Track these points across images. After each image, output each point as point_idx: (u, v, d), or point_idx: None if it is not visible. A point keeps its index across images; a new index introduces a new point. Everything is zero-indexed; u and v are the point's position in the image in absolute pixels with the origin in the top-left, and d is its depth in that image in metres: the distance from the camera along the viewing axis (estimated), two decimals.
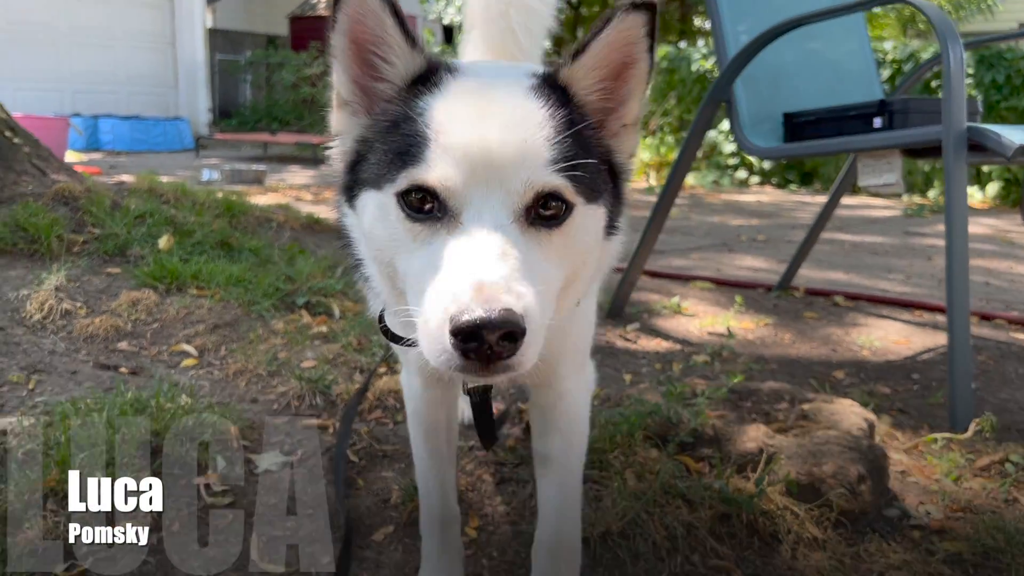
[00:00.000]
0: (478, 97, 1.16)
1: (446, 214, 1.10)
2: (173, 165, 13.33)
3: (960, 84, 2.57)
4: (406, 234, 1.12)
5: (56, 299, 2.97)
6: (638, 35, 1.19)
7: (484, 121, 1.11)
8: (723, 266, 5.42)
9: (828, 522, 1.87)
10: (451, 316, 0.98)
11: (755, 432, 2.04)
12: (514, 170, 1.09)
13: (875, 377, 3.16)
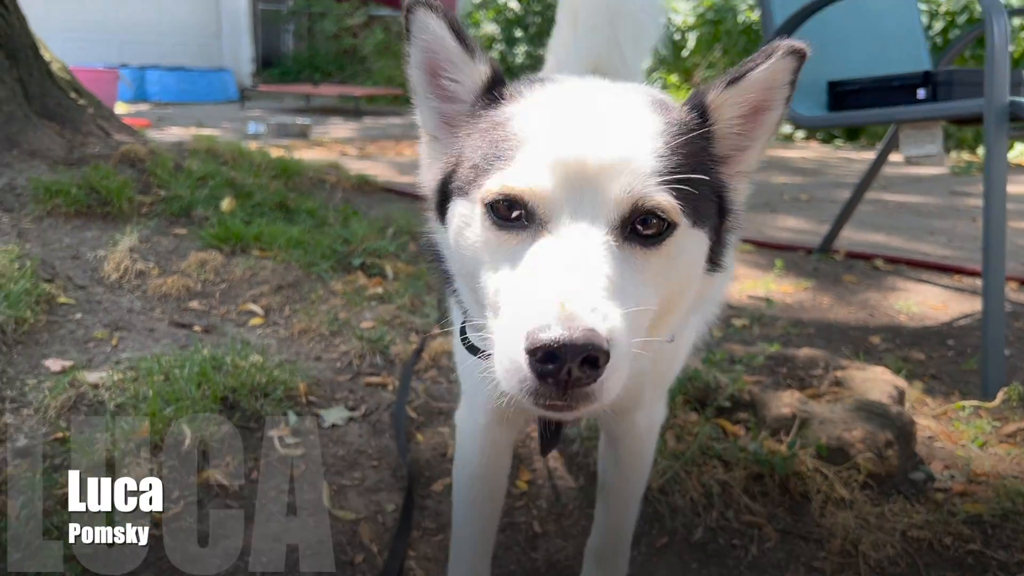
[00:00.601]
0: (578, 103, 1.11)
1: (534, 222, 1.02)
2: (219, 117, 13.52)
3: (1003, 57, 2.61)
4: (492, 243, 1.05)
5: (131, 260, 3.17)
6: (784, 80, 1.15)
7: (582, 124, 1.04)
8: (765, 227, 5.47)
9: (855, 484, 2.00)
10: (528, 333, 0.88)
11: (789, 398, 2.17)
12: (613, 176, 1.00)
13: (910, 343, 3.25)
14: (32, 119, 4.29)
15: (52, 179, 3.63)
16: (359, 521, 1.95)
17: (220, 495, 2.01)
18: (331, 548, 1.86)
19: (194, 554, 1.81)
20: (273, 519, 1.95)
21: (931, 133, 2.98)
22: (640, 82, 2.16)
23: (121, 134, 4.95)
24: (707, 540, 1.89)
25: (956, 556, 1.88)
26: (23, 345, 2.59)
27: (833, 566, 1.83)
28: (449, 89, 1.20)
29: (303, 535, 1.90)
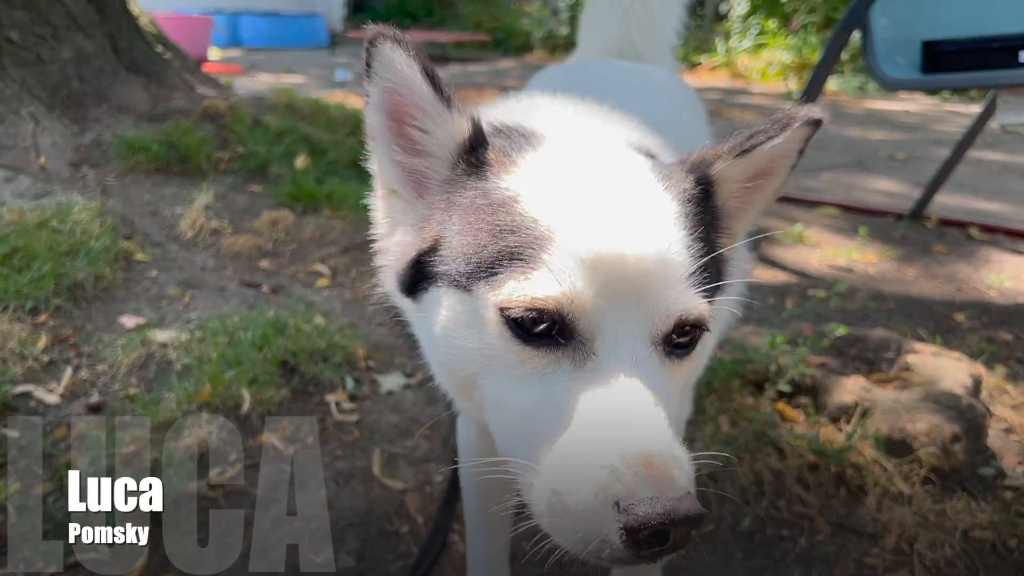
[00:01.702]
0: (595, 181, 0.93)
1: (571, 340, 0.87)
2: (308, 63, 13.68)
3: None
4: (509, 356, 0.89)
5: (205, 217, 3.26)
6: (795, 149, 1.06)
7: (609, 211, 0.89)
8: (855, 189, 5.24)
9: (916, 478, 1.92)
10: (617, 502, 0.77)
11: (853, 384, 2.08)
12: (659, 288, 0.87)
13: (998, 322, 3.08)
14: (120, 73, 4.42)
15: (135, 136, 3.74)
16: (407, 491, 1.98)
17: (276, 458, 2.06)
18: (378, 517, 1.90)
19: (245, 515, 1.87)
20: (325, 485, 2.00)
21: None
22: (668, 61, 2.08)
23: (205, 87, 5.06)
24: (755, 530, 1.85)
25: (1020, 559, 1.78)
26: (101, 301, 2.71)
27: (886, 563, 1.76)
28: (417, 140, 1.01)
29: (351, 502, 1.94)
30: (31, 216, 2.92)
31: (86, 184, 3.49)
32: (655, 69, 1.93)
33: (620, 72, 1.83)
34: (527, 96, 1.31)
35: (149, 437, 2.04)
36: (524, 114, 1.14)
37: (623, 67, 1.91)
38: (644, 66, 1.95)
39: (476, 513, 1.50)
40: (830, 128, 3.93)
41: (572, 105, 1.24)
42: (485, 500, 1.45)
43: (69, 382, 2.29)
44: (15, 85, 3.79)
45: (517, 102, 1.27)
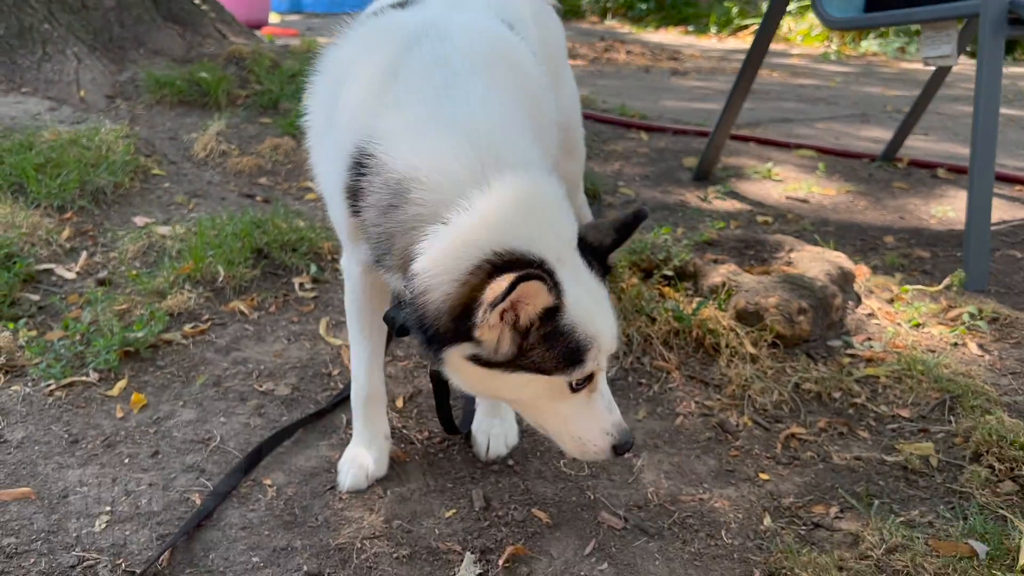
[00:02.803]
0: (599, 299, 1.43)
1: (589, 384, 1.46)
2: None
3: None
4: (565, 395, 1.44)
5: (216, 142, 3.72)
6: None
7: (611, 321, 1.44)
8: (845, 137, 5.44)
9: (764, 343, 2.25)
10: (615, 445, 1.49)
11: (724, 270, 2.41)
12: (616, 348, 1.52)
13: (924, 243, 3.33)
14: (158, 21, 4.92)
15: (163, 73, 4.22)
16: (344, 346, 2.40)
17: (241, 320, 2.50)
18: (317, 364, 2.32)
19: (209, 358, 2.31)
20: (278, 341, 2.43)
21: (947, 34, 3.00)
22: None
23: (238, 37, 5.53)
24: (618, 377, 2.21)
25: (839, 407, 2.11)
26: (119, 205, 3.19)
27: (722, 405, 2.11)
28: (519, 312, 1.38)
29: (298, 353, 2.37)
30: (65, 135, 3.42)
31: (118, 113, 3.99)
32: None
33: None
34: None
35: (138, 300, 2.50)
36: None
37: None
38: None
39: (357, 326, 1.84)
40: (853, 86, 4.51)
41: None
42: (365, 314, 1.82)
43: (84, 263, 2.77)
44: (62, 28, 4.30)
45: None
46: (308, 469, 1.86)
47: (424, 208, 1.36)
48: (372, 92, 1.49)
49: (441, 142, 1.39)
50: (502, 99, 1.51)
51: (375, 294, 1.79)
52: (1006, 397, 2.12)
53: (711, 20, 13.88)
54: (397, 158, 1.40)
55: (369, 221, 1.46)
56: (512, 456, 1.93)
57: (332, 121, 1.59)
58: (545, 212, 1.38)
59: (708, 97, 6.98)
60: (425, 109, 1.44)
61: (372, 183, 1.42)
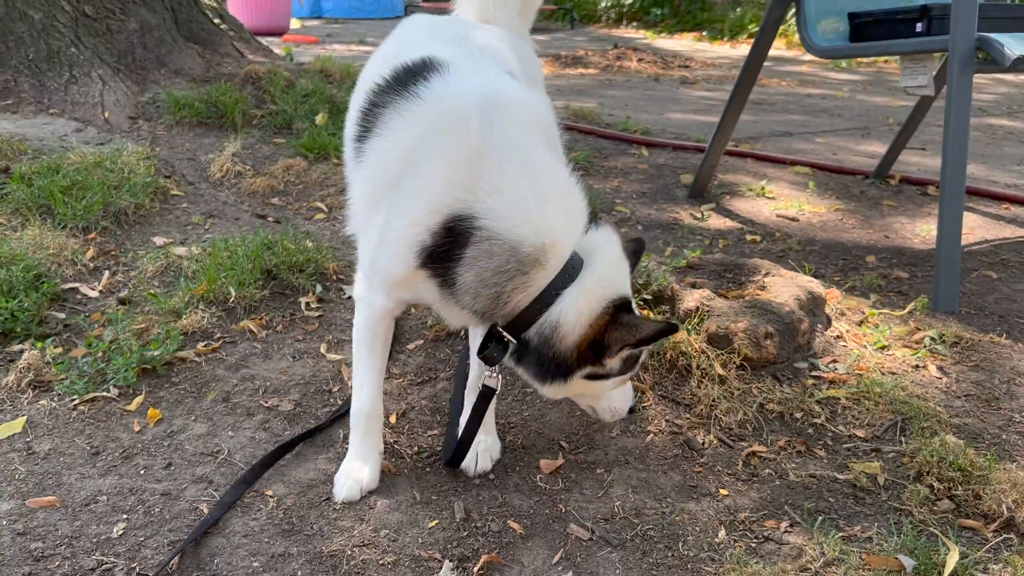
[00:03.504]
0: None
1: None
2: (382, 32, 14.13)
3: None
4: (618, 384, 1.91)
5: (232, 163, 3.92)
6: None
7: None
8: (842, 151, 5.56)
9: (732, 365, 2.41)
10: (631, 407, 1.99)
11: (699, 295, 2.57)
12: None
13: (904, 263, 3.47)
14: (179, 42, 5.14)
15: (182, 94, 4.44)
16: (344, 363, 2.58)
17: (250, 338, 2.70)
18: (319, 381, 2.51)
19: (219, 375, 2.51)
20: (284, 358, 2.62)
21: (924, 66, 3.15)
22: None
23: (256, 55, 5.75)
24: None
25: (800, 426, 2.27)
26: (139, 225, 3.40)
27: (691, 423, 2.28)
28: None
29: (301, 371, 2.56)
30: (90, 158, 3.63)
31: (140, 134, 4.21)
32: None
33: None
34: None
35: (156, 319, 2.70)
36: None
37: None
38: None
39: (367, 352, 2.00)
40: (859, 96, 4.72)
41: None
42: (377, 342, 1.99)
43: (107, 282, 2.97)
44: (88, 51, 4.53)
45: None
46: (306, 481, 2.05)
47: (545, 272, 1.69)
48: (461, 173, 1.67)
49: (552, 220, 1.69)
50: (557, 163, 1.80)
51: (391, 324, 2.04)
52: (956, 419, 2.27)
53: (725, 26, 13.98)
54: (516, 235, 1.65)
55: (470, 283, 1.69)
56: (494, 470, 2.10)
57: (401, 188, 1.76)
58: (622, 261, 1.83)
59: (713, 108, 7.11)
60: (525, 196, 1.67)
61: (488, 252, 1.66)
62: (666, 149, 5.28)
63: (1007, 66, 2.72)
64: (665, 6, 15.52)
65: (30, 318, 2.65)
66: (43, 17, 4.46)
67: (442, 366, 2.59)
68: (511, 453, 2.17)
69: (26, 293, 2.71)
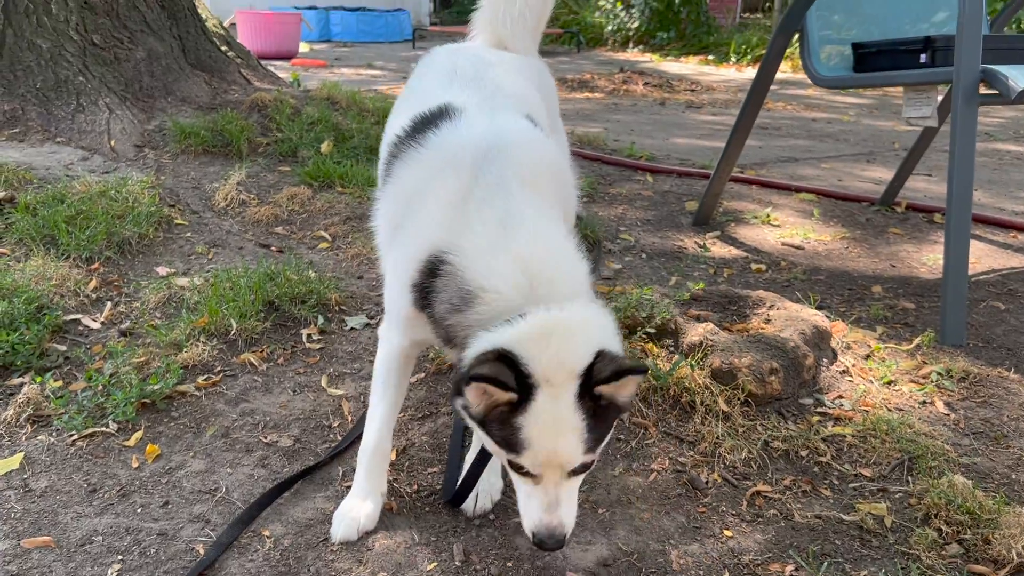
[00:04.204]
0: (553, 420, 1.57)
1: (531, 478, 1.64)
2: (390, 56, 14.35)
3: (974, 28, 2.74)
4: (513, 472, 1.68)
5: (236, 191, 3.93)
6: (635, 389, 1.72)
7: (557, 439, 1.57)
8: (848, 177, 5.55)
9: (737, 401, 2.38)
10: (538, 539, 1.64)
11: (703, 329, 2.55)
12: (571, 462, 1.60)
13: (911, 293, 3.44)
14: (186, 70, 5.17)
15: (188, 122, 4.46)
16: (344, 397, 2.57)
17: (251, 372, 2.68)
18: (319, 415, 2.49)
19: (219, 409, 2.49)
20: (284, 392, 2.60)
21: (927, 97, 3.13)
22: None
23: (262, 82, 5.78)
24: None
25: (805, 465, 2.24)
26: (143, 255, 3.40)
27: (694, 461, 2.25)
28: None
29: (302, 404, 2.54)
30: (95, 187, 3.64)
31: (146, 162, 4.22)
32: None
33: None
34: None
35: (156, 352, 2.69)
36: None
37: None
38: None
39: (383, 389, 2.03)
40: (865, 121, 4.79)
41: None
42: (393, 380, 2.03)
43: (109, 313, 2.97)
44: (95, 80, 4.56)
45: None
46: (304, 521, 2.03)
47: (483, 317, 1.63)
48: (446, 213, 1.73)
49: (502, 269, 1.64)
50: (550, 223, 1.75)
51: (407, 363, 2.06)
52: (965, 458, 2.23)
53: (731, 49, 14.02)
54: (467, 273, 1.65)
55: (438, 313, 1.71)
56: (494, 509, 2.08)
57: (404, 229, 1.84)
58: (561, 342, 1.56)
59: (719, 133, 7.12)
60: (489, 239, 1.67)
61: (447, 285, 1.68)
62: (671, 175, 5.27)
63: (1012, 99, 2.70)
64: (671, 30, 15.59)
65: (31, 351, 2.64)
66: (51, 46, 4.49)
67: (443, 400, 2.56)
68: (512, 494, 2.13)
69: (27, 325, 2.70)
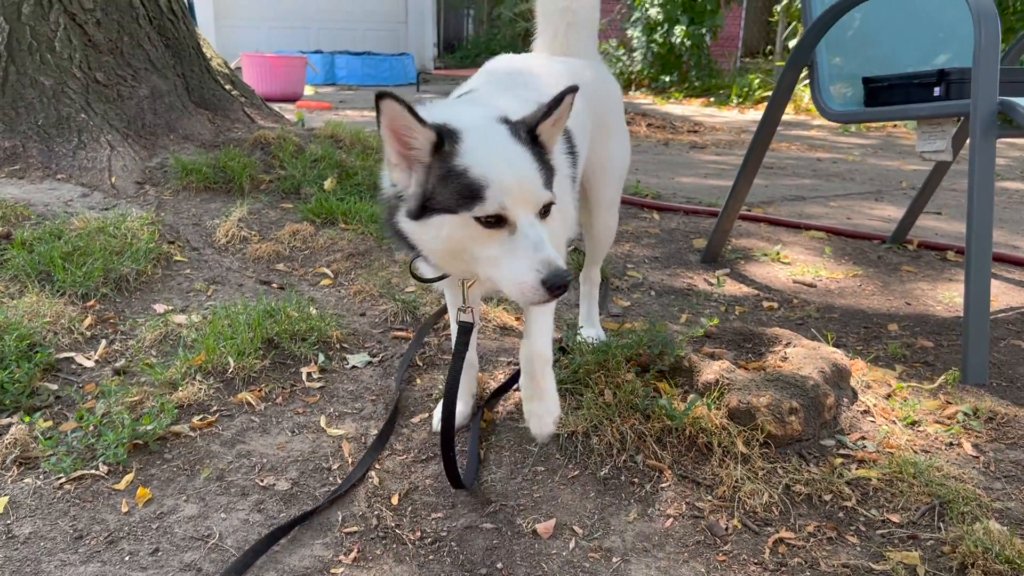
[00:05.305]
0: (500, 150, 1.75)
1: (505, 223, 1.70)
2: None
3: (991, 58, 2.69)
4: (483, 235, 1.70)
5: (237, 228, 3.86)
6: (571, 105, 1.86)
7: (513, 168, 1.71)
8: (857, 215, 5.48)
9: (756, 442, 2.27)
10: (543, 279, 1.63)
11: (718, 367, 2.45)
12: (535, 195, 1.72)
13: (928, 332, 3.35)
14: (189, 108, 5.14)
15: (190, 159, 4.41)
16: (344, 438, 2.46)
17: (248, 412, 2.58)
18: (318, 457, 2.38)
19: (214, 451, 2.38)
20: (282, 433, 2.50)
21: (942, 130, 3.07)
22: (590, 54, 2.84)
23: (266, 120, 5.75)
24: (611, 476, 2.24)
25: (830, 510, 2.12)
26: (141, 292, 3.31)
27: (712, 506, 2.13)
28: (408, 143, 1.74)
29: (300, 446, 2.44)
30: (93, 223, 3.57)
31: (147, 199, 4.16)
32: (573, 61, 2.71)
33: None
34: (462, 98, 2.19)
35: (151, 391, 2.60)
36: (452, 116, 1.84)
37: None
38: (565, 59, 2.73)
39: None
40: (870, 160, 4.73)
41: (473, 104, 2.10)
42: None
43: (103, 351, 2.88)
44: (98, 117, 4.52)
45: (451, 106, 2.04)
46: (301, 570, 1.91)
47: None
48: None
49: None
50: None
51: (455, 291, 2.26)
52: (998, 503, 2.12)
53: (733, 91, 14.10)
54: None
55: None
56: (500, 559, 1.96)
57: None
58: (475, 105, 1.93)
59: (724, 173, 7.08)
60: None
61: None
62: (678, 213, 5.21)
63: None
64: (673, 73, 15.70)
65: (20, 390, 2.55)
66: (54, 83, 4.46)
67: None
68: (519, 539, 2.02)
69: (18, 363, 2.61)
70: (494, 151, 1.73)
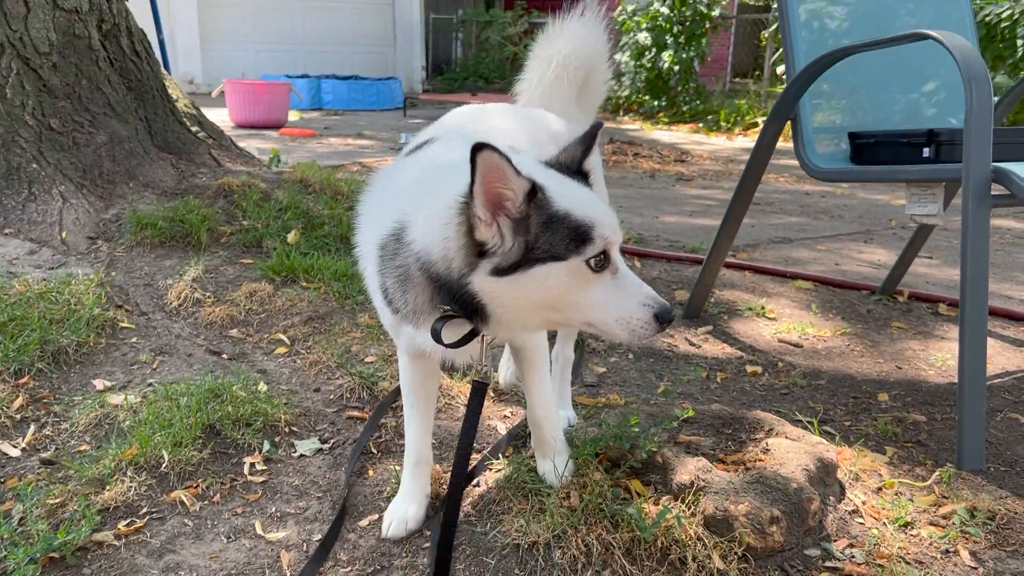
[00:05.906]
0: (578, 191, 1.74)
1: (609, 264, 1.69)
2: (381, 125, 14.26)
3: (984, 123, 2.51)
4: (590, 279, 1.66)
5: (191, 289, 3.65)
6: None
7: (600, 207, 1.72)
8: (846, 260, 5.30)
9: (734, 556, 2.06)
10: (656, 313, 1.67)
11: (693, 465, 2.24)
12: (620, 232, 1.73)
13: (920, 402, 3.15)
14: (151, 153, 4.94)
15: (146, 211, 4.20)
16: (284, 546, 2.24)
17: (181, 513, 2.36)
18: (253, 570, 2.16)
19: (139, 563, 2.16)
20: (217, 539, 2.28)
21: (933, 193, 2.89)
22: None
23: (235, 163, 5.56)
24: None
25: None
26: (81, 365, 3.10)
27: None
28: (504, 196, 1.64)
29: (235, 555, 2.22)
30: (35, 288, 3.36)
31: (98, 256, 3.95)
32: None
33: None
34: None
35: (75, 490, 2.37)
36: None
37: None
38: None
39: (410, 403, 2.30)
40: (860, 195, 4.52)
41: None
42: (415, 393, 2.29)
43: (32, 438, 2.66)
44: (50, 167, 4.31)
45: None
46: None
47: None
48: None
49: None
50: None
51: (423, 376, 2.28)
52: None
53: (721, 117, 13.98)
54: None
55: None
56: None
57: None
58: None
59: (710, 210, 6.91)
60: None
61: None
62: (660, 260, 5.02)
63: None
64: (662, 98, 15.58)
65: None
66: (4, 132, 4.26)
67: (398, 549, 2.24)
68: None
69: None
70: (576, 193, 1.71)
